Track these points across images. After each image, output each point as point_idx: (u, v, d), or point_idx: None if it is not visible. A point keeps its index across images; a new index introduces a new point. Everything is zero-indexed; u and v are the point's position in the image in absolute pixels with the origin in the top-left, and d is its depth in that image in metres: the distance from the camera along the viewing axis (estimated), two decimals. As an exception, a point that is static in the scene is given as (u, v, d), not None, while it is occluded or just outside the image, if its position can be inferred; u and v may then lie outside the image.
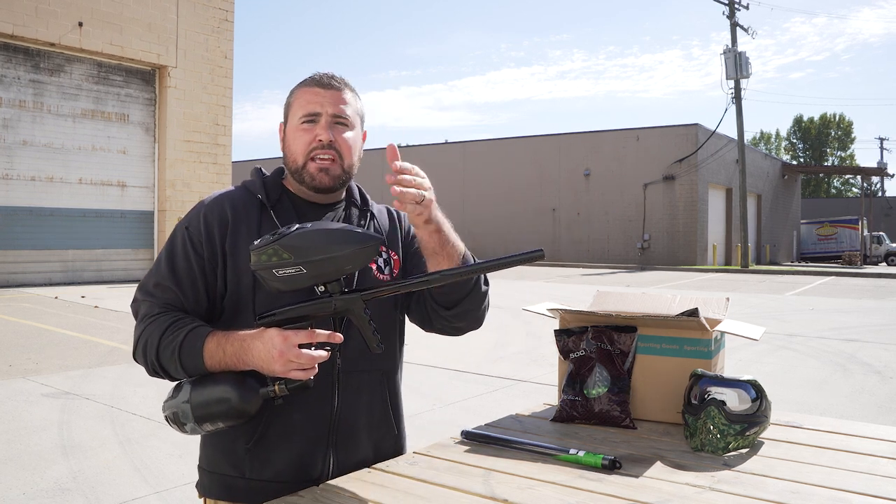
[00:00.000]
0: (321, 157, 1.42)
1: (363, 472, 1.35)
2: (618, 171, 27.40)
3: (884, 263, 34.53)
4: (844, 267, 29.25)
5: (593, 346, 1.69)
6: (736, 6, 26.90)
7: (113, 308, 10.03)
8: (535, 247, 1.41)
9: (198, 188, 15.54)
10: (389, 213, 1.62)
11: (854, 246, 34.07)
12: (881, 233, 37.49)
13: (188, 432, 1.29)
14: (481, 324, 1.54)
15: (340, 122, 1.44)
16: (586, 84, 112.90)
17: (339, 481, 1.31)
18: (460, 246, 1.41)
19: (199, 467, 1.48)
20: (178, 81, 15.30)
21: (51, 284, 13.49)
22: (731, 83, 26.22)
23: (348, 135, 1.45)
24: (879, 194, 51.64)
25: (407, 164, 1.28)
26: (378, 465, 1.39)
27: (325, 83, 1.44)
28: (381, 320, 1.44)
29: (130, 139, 15.02)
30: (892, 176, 39.67)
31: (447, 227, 1.38)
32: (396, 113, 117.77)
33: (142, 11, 14.70)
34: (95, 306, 10.23)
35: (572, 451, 1.37)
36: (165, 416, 1.29)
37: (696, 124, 26.39)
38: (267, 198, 1.45)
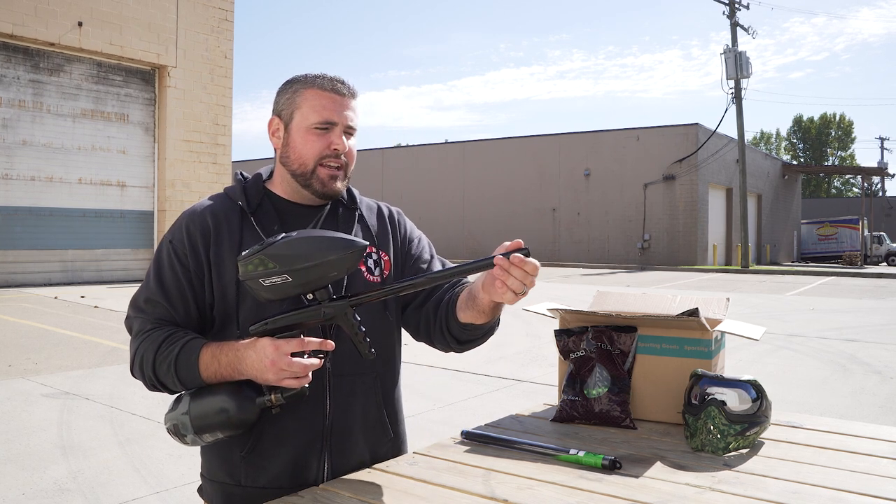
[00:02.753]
0: (330, 164, 1.43)
1: (363, 473, 1.35)
2: (618, 171, 27.39)
3: (884, 263, 34.53)
4: (845, 267, 29.25)
5: (593, 347, 1.69)
6: (736, 6, 26.90)
7: (113, 308, 10.03)
8: (535, 248, 1.42)
9: (197, 188, 15.54)
10: (381, 211, 1.60)
11: (854, 246, 34.06)
12: (881, 233, 37.47)
13: (189, 444, 1.31)
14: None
15: (350, 131, 1.45)
16: (586, 84, 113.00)
17: (339, 482, 1.31)
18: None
19: (201, 474, 1.50)
20: (178, 81, 15.30)
21: (50, 284, 13.49)
22: (732, 83, 26.21)
23: (353, 143, 1.47)
24: (880, 194, 51.64)
25: (531, 263, 1.23)
26: (378, 466, 1.39)
27: (339, 90, 1.43)
28: (373, 324, 1.43)
29: (130, 139, 15.02)
30: (893, 176, 39.69)
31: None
32: (396, 113, 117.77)
33: (141, 11, 14.70)
34: (95, 306, 10.22)
35: (572, 451, 1.37)
36: (167, 429, 1.31)
37: (696, 124, 26.38)
38: (247, 204, 1.44)
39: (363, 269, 1.47)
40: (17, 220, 13.36)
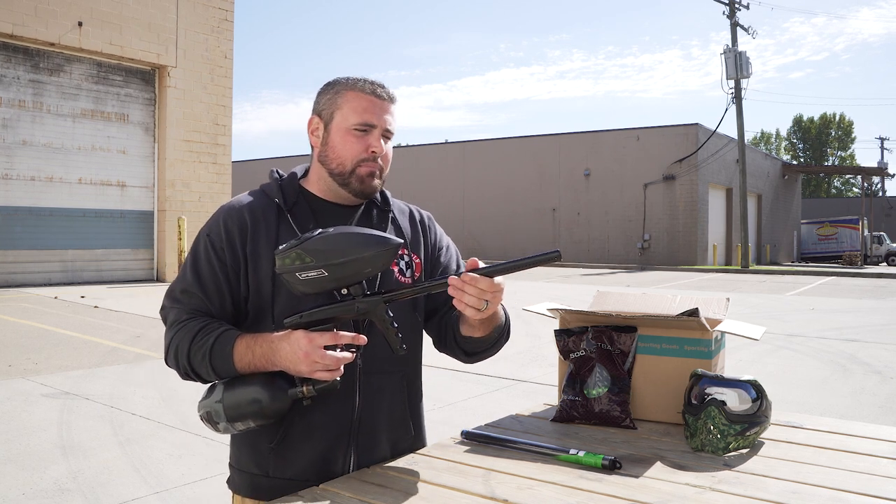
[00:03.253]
0: (370, 165, 1.46)
1: (363, 472, 1.35)
2: (618, 171, 27.39)
3: (884, 263, 34.53)
4: (845, 267, 29.25)
5: (593, 347, 1.69)
6: (736, 6, 26.89)
7: (113, 308, 10.03)
8: (535, 247, 1.44)
9: (197, 188, 15.54)
10: (412, 214, 1.63)
11: (854, 246, 34.06)
12: (882, 233, 37.47)
13: (221, 431, 1.34)
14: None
15: (387, 135, 1.48)
16: (585, 84, 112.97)
17: (339, 481, 1.31)
18: (500, 317, 1.47)
19: (230, 465, 1.53)
20: (178, 81, 15.29)
21: (50, 284, 13.48)
22: (732, 83, 26.20)
23: (390, 147, 1.50)
24: (880, 194, 51.63)
25: (485, 280, 1.28)
26: (378, 466, 1.39)
27: (380, 94, 1.46)
28: (403, 323, 1.46)
29: (130, 139, 15.01)
30: (893, 176, 39.68)
31: (498, 311, 1.45)
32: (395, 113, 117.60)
33: (141, 11, 14.69)
34: (95, 306, 10.22)
35: (572, 451, 1.37)
36: (200, 416, 1.35)
37: (696, 124, 26.38)
38: (284, 201, 1.47)
39: (395, 269, 1.50)
40: (17, 220, 13.35)
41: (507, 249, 27.13)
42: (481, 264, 1.30)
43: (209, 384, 1.39)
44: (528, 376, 6.12)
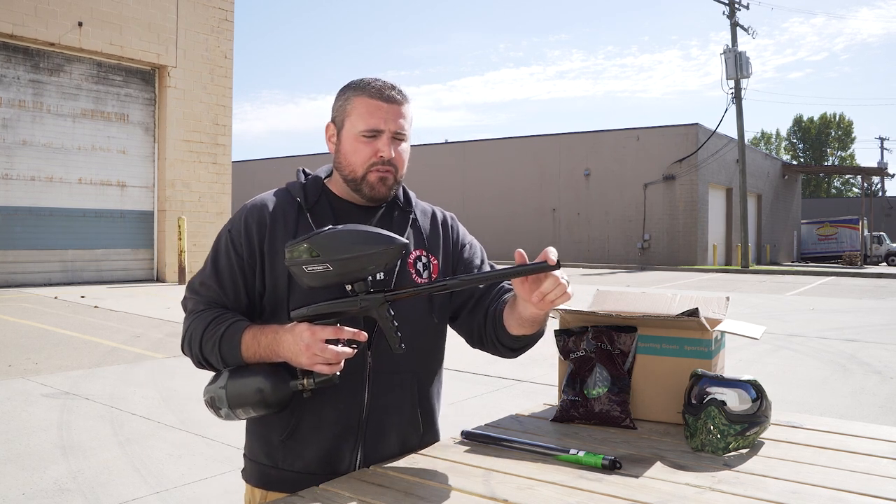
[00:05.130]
0: (380, 169, 1.47)
1: (363, 472, 1.35)
2: (618, 171, 27.39)
3: (884, 263, 34.52)
4: (845, 267, 29.24)
5: (593, 347, 1.69)
6: (736, 6, 26.89)
7: (113, 308, 10.03)
8: (535, 247, 1.47)
9: (197, 188, 15.54)
10: (434, 215, 1.64)
11: (854, 246, 34.05)
12: (881, 233, 37.47)
13: (223, 417, 1.37)
14: None
15: (399, 137, 1.48)
16: (585, 84, 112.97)
17: (339, 481, 1.31)
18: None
19: (244, 455, 1.57)
20: (178, 81, 15.29)
21: (50, 284, 13.48)
22: (732, 83, 26.20)
23: (404, 147, 1.51)
24: (880, 194, 51.63)
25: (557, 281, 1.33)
26: (378, 466, 1.39)
27: (388, 97, 1.47)
28: (414, 323, 1.48)
29: (130, 139, 15.01)
30: (893, 176, 39.67)
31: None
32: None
33: (141, 11, 14.69)
34: (95, 306, 10.22)
35: (572, 451, 1.37)
36: (204, 401, 1.38)
37: (696, 124, 26.38)
38: (305, 200, 1.51)
39: (412, 271, 1.52)
40: (17, 220, 13.35)
41: (508, 250, 27.05)
42: (553, 256, 1.30)
43: (216, 371, 1.42)
44: (528, 376, 6.12)
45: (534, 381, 5.97)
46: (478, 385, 5.80)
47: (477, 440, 1.50)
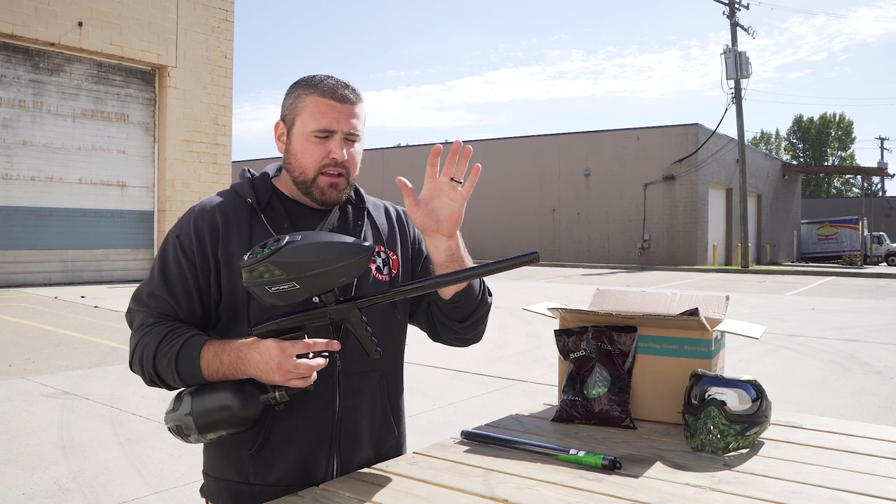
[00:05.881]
0: (331, 172, 1.41)
1: (363, 473, 1.35)
2: (618, 171, 27.38)
3: (884, 263, 34.51)
4: (845, 267, 29.24)
5: (593, 346, 1.69)
6: (736, 6, 26.89)
7: (113, 308, 10.03)
8: (535, 248, 1.43)
9: (198, 188, 15.53)
10: (387, 211, 1.60)
11: (854, 246, 34.05)
12: (881, 233, 37.45)
13: (192, 442, 1.30)
14: (482, 336, 1.57)
15: (351, 138, 1.42)
16: (585, 84, 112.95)
17: (339, 482, 1.31)
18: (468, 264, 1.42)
19: (204, 473, 1.48)
20: (178, 81, 15.29)
21: (50, 284, 13.48)
22: (731, 83, 26.20)
23: (356, 148, 1.44)
24: (880, 194, 51.63)
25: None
26: (378, 466, 1.39)
27: (341, 96, 1.40)
28: (378, 322, 1.43)
29: (130, 139, 15.01)
30: (893, 176, 39.67)
31: (462, 245, 1.41)
32: (395, 113, 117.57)
33: (141, 11, 14.69)
34: (95, 306, 10.22)
35: (572, 451, 1.37)
36: (168, 428, 1.30)
37: (696, 124, 26.37)
38: (256, 201, 1.43)
39: (372, 268, 1.47)
40: (17, 220, 13.35)
41: (507, 250, 27.06)
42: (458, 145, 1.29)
43: (176, 392, 1.33)
44: (528, 376, 6.12)
45: (534, 381, 5.97)
46: (478, 385, 5.80)
47: (477, 440, 1.50)
